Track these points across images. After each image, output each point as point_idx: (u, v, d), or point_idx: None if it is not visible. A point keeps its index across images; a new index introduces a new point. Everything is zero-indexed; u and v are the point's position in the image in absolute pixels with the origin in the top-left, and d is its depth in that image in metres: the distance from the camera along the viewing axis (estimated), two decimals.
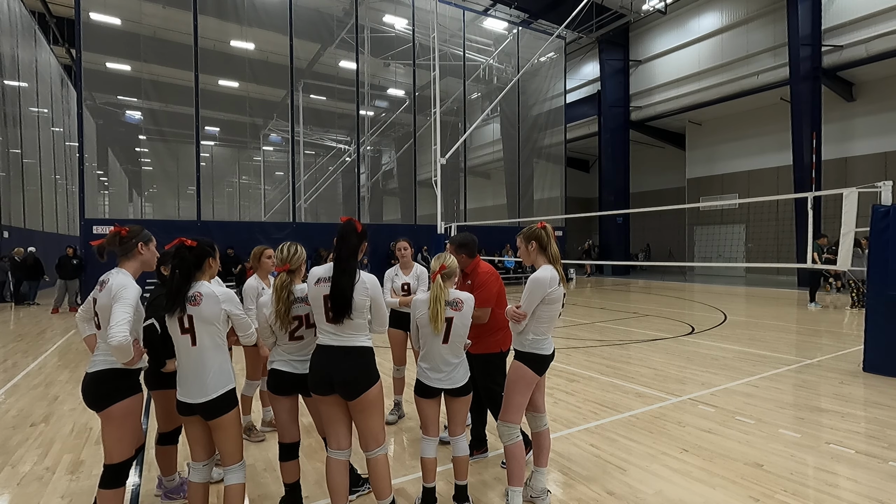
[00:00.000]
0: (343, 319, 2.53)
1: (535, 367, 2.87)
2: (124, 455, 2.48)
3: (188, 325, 2.40)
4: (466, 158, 21.33)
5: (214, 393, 2.41)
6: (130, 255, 2.55)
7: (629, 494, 3.07)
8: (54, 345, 8.11)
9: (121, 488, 2.50)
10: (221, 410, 2.43)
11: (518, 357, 2.91)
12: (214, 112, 18.43)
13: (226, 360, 2.51)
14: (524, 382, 2.86)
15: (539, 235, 2.93)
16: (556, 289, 2.81)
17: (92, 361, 2.50)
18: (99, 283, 2.52)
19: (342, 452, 2.63)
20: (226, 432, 2.46)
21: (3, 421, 4.58)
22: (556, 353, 3.08)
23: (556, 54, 22.47)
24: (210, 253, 2.55)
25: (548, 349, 2.89)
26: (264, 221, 19.13)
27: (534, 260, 2.97)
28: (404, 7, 18.26)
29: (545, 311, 2.83)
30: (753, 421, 4.27)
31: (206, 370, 2.41)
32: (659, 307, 12.04)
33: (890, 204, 5.66)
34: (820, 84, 16.17)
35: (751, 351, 7.03)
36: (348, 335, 2.57)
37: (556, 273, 2.84)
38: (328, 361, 2.55)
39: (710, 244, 21.53)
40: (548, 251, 2.92)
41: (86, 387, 2.47)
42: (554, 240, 2.95)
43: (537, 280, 2.80)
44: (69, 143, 23.68)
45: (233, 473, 2.50)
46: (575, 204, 25.39)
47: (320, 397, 2.60)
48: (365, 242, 2.70)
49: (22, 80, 17.84)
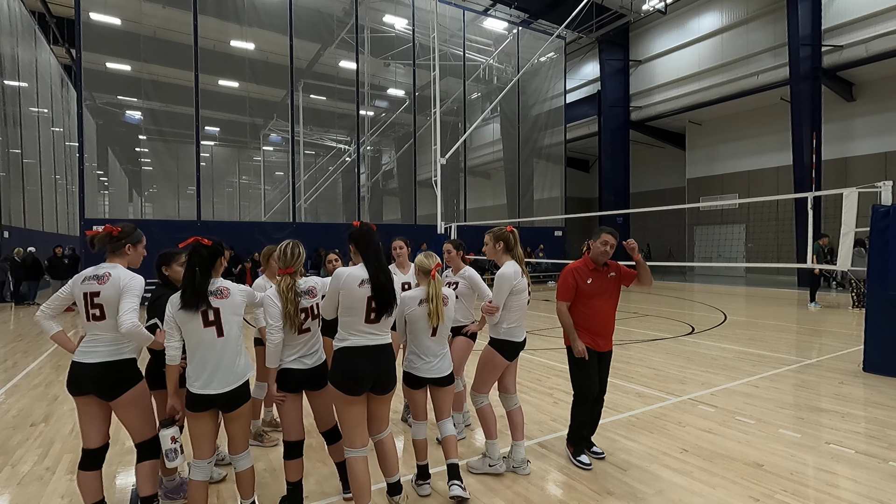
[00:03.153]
0: (383, 317, 2.67)
1: (506, 353, 3.34)
2: (153, 430, 2.69)
3: (213, 318, 2.51)
4: (466, 158, 21.34)
5: (240, 381, 2.55)
6: (118, 253, 2.68)
7: (629, 494, 3.07)
8: (54, 345, 8.10)
9: (156, 460, 2.71)
10: (243, 399, 2.57)
11: (492, 343, 3.37)
12: (214, 112, 18.43)
13: (244, 348, 2.66)
14: (492, 366, 3.36)
15: (507, 238, 3.39)
16: (520, 280, 3.28)
17: (88, 352, 2.53)
18: (94, 277, 2.56)
19: (366, 449, 2.72)
20: (242, 420, 2.62)
21: (3, 421, 4.58)
22: (556, 352, 3.15)
23: (556, 54, 22.47)
24: (222, 252, 2.66)
25: (519, 336, 3.37)
26: (264, 221, 19.13)
27: (498, 257, 3.41)
28: (404, 7, 18.25)
29: (514, 302, 3.29)
30: (753, 421, 4.27)
31: (235, 359, 2.56)
32: (659, 307, 12.04)
33: (890, 204, 5.66)
34: (820, 84, 16.18)
35: (751, 351, 7.03)
36: (383, 333, 2.72)
37: (519, 268, 3.30)
38: (372, 361, 2.65)
39: (710, 244, 21.53)
40: (513, 252, 3.38)
41: (94, 376, 2.51)
42: (519, 244, 3.41)
43: (503, 275, 3.25)
44: (69, 143, 23.69)
45: (243, 459, 2.66)
46: (575, 204, 25.39)
47: (353, 398, 2.64)
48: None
49: (22, 80, 17.84)
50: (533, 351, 7.22)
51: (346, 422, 2.69)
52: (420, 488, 3.10)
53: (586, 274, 3.40)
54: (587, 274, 3.40)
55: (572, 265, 3.46)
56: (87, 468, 2.63)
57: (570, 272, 3.42)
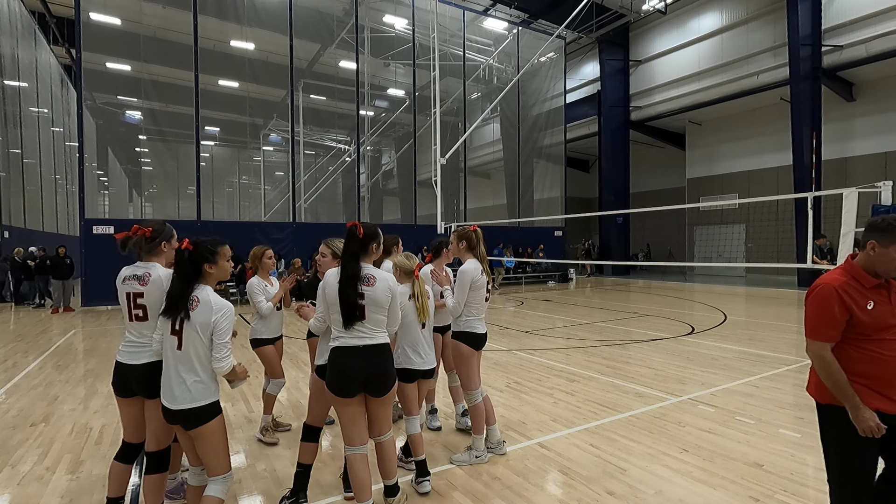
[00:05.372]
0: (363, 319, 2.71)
1: (471, 343, 3.54)
2: (168, 441, 2.64)
3: (179, 328, 2.32)
4: (466, 158, 21.33)
5: (189, 404, 2.30)
6: (155, 252, 2.66)
7: (629, 494, 3.07)
8: (54, 345, 8.11)
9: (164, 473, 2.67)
10: (200, 420, 2.32)
11: (455, 336, 3.59)
12: (214, 112, 18.43)
13: (209, 375, 2.36)
14: (464, 358, 3.53)
15: (469, 236, 3.54)
16: (480, 277, 3.47)
17: (135, 353, 2.56)
18: (135, 277, 2.58)
19: (365, 447, 2.73)
20: (207, 443, 2.34)
21: (3, 421, 4.58)
22: (556, 352, 3.16)
23: (556, 54, 22.47)
24: (208, 259, 2.40)
25: (481, 329, 3.57)
26: (264, 221, 19.13)
27: (461, 255, 3.58)
28: (404, 7, 18.25)
29: (474, 297, 3.48)
30: (753, 421, 4.27)
31: (185, 378, 2.31)
32: (659, 307, 12.04)
33: (890, 204, 5.66)
34: (820, 84, 16.17)
35: (751, 351, 7.03)
36: (374, 332, 2.72)
37: (480, 266, 3.48)
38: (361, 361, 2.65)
39: (710, 244, 21.52)
40: (476, 250, 3.53)
41: (138, 376, 2.53)
42: (483, 242, 3.56)
43: (465, 271, 3.44)
44: (69, 143, 23.69)
45: (214, 485, 2.39)
46: (575, 204, 25.38)
47: (345, 399, 2.66)
48: (373, 243, 2.76)
49: (22, 80, 17.85)
50: (533, 351, 7.22)
51: (342, 421, 2.73)
52: (420, 486, 3.11)
53: (863, 295, 2.08)
54: (864, 294, 2.09)
55: (832, 280, 2.13)
56: (121, 460, 2.68)
57: (832, 294, 2.09)
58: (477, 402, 3.55)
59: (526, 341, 8.02)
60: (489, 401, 3.71)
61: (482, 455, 3.54)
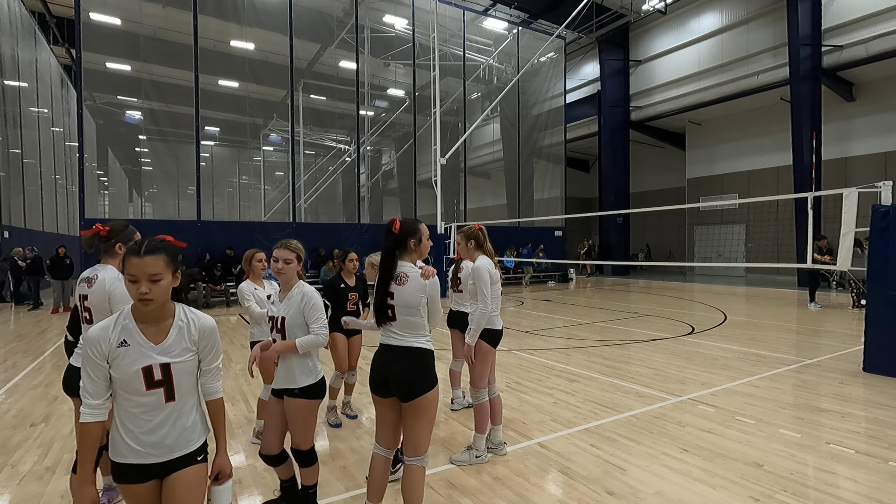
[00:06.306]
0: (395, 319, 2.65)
1: (490, 341, 3.55)
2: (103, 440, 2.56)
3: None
4: (466, 158, 21.33)
5: None
6: (110, 253, 2.57)
7: (629, 494, 3.07)
8: (54, 345, 8.10)
9: None
10: None
11: None
12: (214, 112, 18.43)
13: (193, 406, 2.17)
14: (482, 355, 3.52)
15: (476, 235, 3.64)
16: (496, 271, 3.53)
17: None
18: (85, 279, 2.51)
19: (389, 451, 2.65)
20: None
21: (3, 421, 4.58)
22: (556, 352, 3.15)
23: (556, 54, 22.47)
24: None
25: (499, 325, 3.60)
26: (264, 221, 19.13)
27: (471, 255, 3.64)
28: (404, 7, 18.25)
29: (493, 291, 3.49)
30: (753, 421, 4.27)
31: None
32: (659, 307, 12.04)
33: (890, 204, 5.66)
34: (820, 84, 16.17)
35: (751, 351, 7.03)
36: (406, 334, 2.59)
37: (491, 261, 3.54)
38: (387, 361, 2.57)
39: (710, 244, 21.53)
40: (484, 248, 3.62)
41: None
42: (488, 240, 3.65)
43: (480, 267, 3.46)
44: (69, 143, 23.67)
45: None
46: (575, 204, 25.38)
47: (378, 398, 2.61)
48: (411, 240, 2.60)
49: (22, 80, 17.83)
50: (533, 351, 7.22)
51: (376, 418, 2.69)
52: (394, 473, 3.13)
53: None
54: None
55: None
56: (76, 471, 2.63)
57: None
58: (482, 401, 3.58)
59: (526, 341, 8.02)
60: (499, 401, 3.72)
61: (482, 455, 3.55)
